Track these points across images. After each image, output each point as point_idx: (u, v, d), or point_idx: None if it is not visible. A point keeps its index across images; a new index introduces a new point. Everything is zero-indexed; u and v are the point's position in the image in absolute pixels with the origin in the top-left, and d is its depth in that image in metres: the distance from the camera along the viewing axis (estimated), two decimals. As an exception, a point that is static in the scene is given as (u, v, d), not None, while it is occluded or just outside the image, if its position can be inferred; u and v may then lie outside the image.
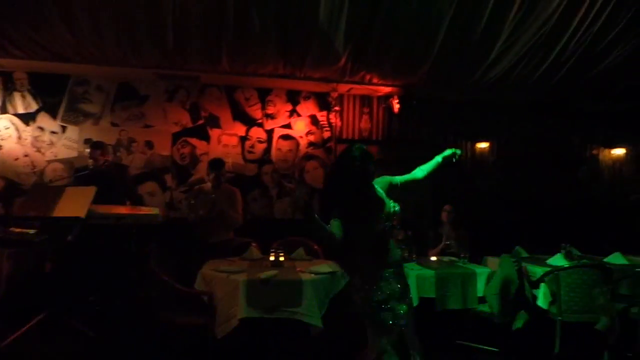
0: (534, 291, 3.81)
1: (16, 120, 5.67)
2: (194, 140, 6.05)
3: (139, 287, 4.11)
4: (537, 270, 3.87)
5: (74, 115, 5.80)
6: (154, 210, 4.34)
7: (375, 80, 5.78)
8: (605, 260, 4.29)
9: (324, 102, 6.40)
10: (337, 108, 6.39)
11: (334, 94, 6.33)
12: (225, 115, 6.16)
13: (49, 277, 3.95)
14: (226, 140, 6.15)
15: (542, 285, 3.73)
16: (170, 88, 6.01)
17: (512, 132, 6.82)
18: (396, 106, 6.28)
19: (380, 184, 2.53)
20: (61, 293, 3.96)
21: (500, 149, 6.86)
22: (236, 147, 6.17)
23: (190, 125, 6.06)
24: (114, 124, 5.87)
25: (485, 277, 3.93)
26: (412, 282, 3.75)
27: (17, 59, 5.13)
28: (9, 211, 5.28)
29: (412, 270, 3.85)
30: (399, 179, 2.56)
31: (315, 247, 4.51)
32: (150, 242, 3.86)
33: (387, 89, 6.12)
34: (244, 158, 6.19)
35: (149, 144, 5.94)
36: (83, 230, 3.87)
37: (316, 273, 3.49)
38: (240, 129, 6.19)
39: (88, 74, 5.75)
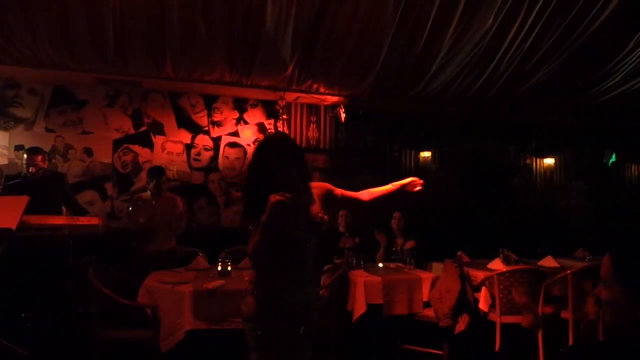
0: (476, 294, 3.97)
1: None
2: (136, 148, 5.84)
3: (76, 301, 3.90)
4: (478, 275, 4.04)
5: (3, 120, 5.43)
6: (94, 220, 4.13)
7: (322, 90, 5.85)
8: (539, 263, 4.56)
9: (271, 110, 6.39)
10: (284, 116, 6.41)
11: (282, 102, 6.34)
12: (169, 122, 6.00)
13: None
14: (171, 148, 5.99)
15: (483, 288, 3.91)
16: (110, 93, 5.78)
17: (452, 142, 7.14)
18: (342, 115, 6.38)
19: (318, 189, 2.14)
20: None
21: (442, 158, 7.15)
22: (181, 155, 6.02)
23: (132, 131, 5.85)
24: (48, 130, 5.55)
25: (430, 282, 4.05)
26: (360, 289, 3.81)
27: None
28: None
29: (360, 277, 3.91)
30: (341, 192, 2.23)
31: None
32: (88, 253, 3.68)
33: (334, 99, 6.22)
34: (189, 166, 6.05)
35: (88, 151, 5.67)
36: (14, 243, 3.63)
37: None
38: (186, 136, 6.05)
39: (19, 77, 5.42)
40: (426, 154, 7.09)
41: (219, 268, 3.74)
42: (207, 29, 4.50)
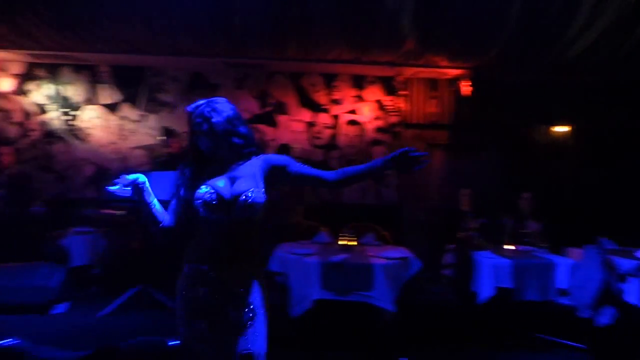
0: (622, 285, 3.59)
1: (103, 110, 6.09)
2: (262, 127, 6.21)
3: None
4: (625, 263, 3.64)
5: (152, 105, 6.13)
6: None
7: (442, 63, 5.61)
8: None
9: (389, 87, 6.32)
10: (403, 92, 6.29)
11: (400, 78, 6.23)
12: (292, 102, 6.26)
13: (138, 255, 4.24)
14: (293, 127, 6.26)
15: (634, 280, 3.50)
16: (239, 76, 6.19)
17: (593, 115, 6.39)
18: (465, 89, 6.07)
19: (263, 162, 1.91)
20: (149, 270, 4.24)
21: (579, 132, 6.47)
22: (303, 133, 6.27)
23: (258, 112, 6.22)
24: (188, 112, 6.12)
25: (566, 269, 3.75)
26: (487, 271, 3.67)
27: (101, 54, 5.48)
28: (100, 194, 5.72)
29: (488, 259, 3.76)
30: (297, 168, 1.94)
31: (385, 233, 4.51)
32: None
33: (456, 72, 5.93)
34: (311, 144, 6.27)
35: (221, 131, 6.15)
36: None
37: (387, 258, 3.50)
38: (307, 115, 6.27)
39: (163, 66, 6.04)
40: (560, 129, 6.47)
41: (343, 242, 3.86)
42: (324, 7, 4.54)
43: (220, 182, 1.81)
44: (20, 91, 5.97)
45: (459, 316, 3.66)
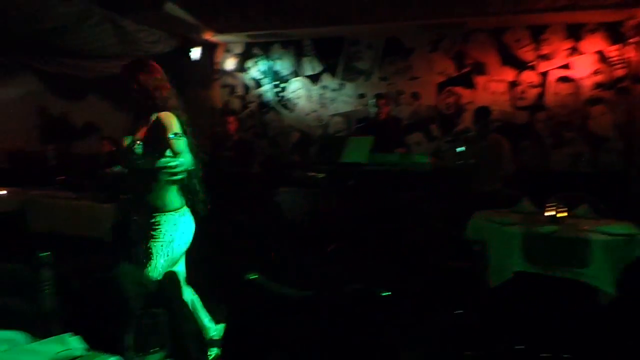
0: None
1: (305, 81, 6.63)
2: (458, 89, 5.94)
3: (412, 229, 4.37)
4: None
5: (349, 73, 6.41)
6: (424, 159, 4.50)
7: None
8: None
9: (616, 34, 5.34)
10: (635, 39, 5.23)
11: (632, 22, 5.18)
12: (492, 61, 5.81)
13: (335, 215, 4.58)
14: (493, 87, 5.82)
15: None
16: (434, 38, 5.99)
17: None
18: None
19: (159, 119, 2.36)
20: (345, 229, 4.55)
21: None
22: (504, 94, 5.78)
23: (454, 74, 5.96)
24: (382, 79, 6.24)
25: None
26: None
27: (304, 29, 5.91)
28: (304, 158, 6.32)
29: None
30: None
31: (603, 205, 3.91)
32: (419, 188, 4.04)
33: None
34: (513, 105, 5.76)
35: (415, 95, 6.12)
36: (362, 176, 4.32)
37: (609, 234, 3.04)
38: (509, 74, 5.75)
39: (359, 34, 6.21)
40: None
41: (548, 213, 3.49)
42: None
43: None
44: (241, 68, 6.89)
45: None
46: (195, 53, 6.22)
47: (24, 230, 4.10)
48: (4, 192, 4.40)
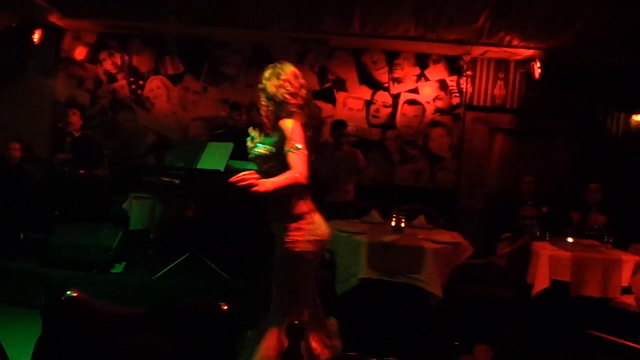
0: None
1: (166, 81, 6.29)
2: (320, 103, 6.17)
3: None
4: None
5: (213, 77, 6.25)
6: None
7: (515, 42, 5.30)
8: None
9: (454, 66, 6.07)
10: (468, 73, 6.02)
11: (467, 58, 5.95)
12: (351, 79, 6.17)
13: (191, 222, 4.40)
14: (351, 104, 6.18)
15: None
16: (300, 51, 6.15)
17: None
18: (537, 71, 5.70)
19: None
20: (201, 237, 4.39)
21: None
22: (361, 111, 6.17)
23: (317, 88, 6.18)
24: (248, 85, 6.20)
25: (632, 266, 3.49)
26: (543, 262, 3.48)
27: (168, 25, 5.62)
28: (160, 162, 5.95)
29: (545, 250, 3.56)
30: None
31: (437, 217, 4.38)
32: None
33: (528, 52, 5.58)
34: (368, 122, 6.17)
35: (279, 105, 6.18)
36: (219, 183, 4.20)
37: (438, 242, 3.40)
38: (366, 93, 6.16)
39: (226, 38, 6.11)
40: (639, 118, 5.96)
41: (394, 223, 3.79)
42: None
43: None
44: (93, 60, 6.27)
45: (510, 307, 3.51)
46: (37, 36, 5.50)
47: None
48: None
